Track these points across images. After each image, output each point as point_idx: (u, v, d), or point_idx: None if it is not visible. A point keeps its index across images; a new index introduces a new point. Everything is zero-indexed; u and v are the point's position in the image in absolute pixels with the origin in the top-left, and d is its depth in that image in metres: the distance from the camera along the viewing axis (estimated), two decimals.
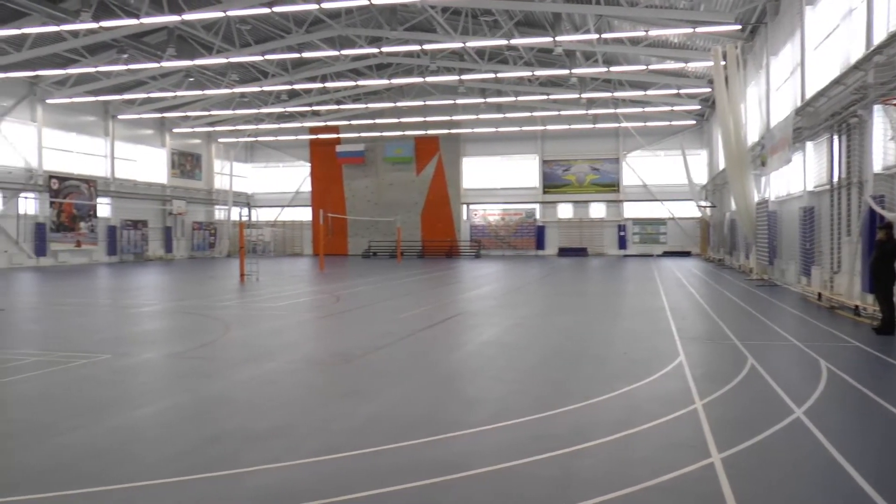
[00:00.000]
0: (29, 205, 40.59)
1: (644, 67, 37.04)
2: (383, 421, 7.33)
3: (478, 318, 16.03)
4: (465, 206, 56.79)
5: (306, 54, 34.58)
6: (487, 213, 56.27)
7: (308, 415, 7.71)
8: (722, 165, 35.20)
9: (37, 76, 38.57)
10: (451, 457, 6.17)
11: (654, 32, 30.19)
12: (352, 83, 40.82)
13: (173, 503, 5.22)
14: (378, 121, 51.54)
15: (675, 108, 45.23)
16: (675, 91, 41.02)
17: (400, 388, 8.83)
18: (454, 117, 49.67)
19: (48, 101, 41.60)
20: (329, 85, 41.43)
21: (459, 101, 46.62)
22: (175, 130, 52.59)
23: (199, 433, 6.98)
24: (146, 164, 50.59)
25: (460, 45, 32.55)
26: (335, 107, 48.73)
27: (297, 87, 42.06)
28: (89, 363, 10.52)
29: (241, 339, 12.95)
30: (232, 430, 7.03)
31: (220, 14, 28.16)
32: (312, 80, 41.53)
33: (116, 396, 8.68)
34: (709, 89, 38.34)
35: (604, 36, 30.62)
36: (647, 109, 46.26)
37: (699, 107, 44.71)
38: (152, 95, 43.26)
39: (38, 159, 41.50)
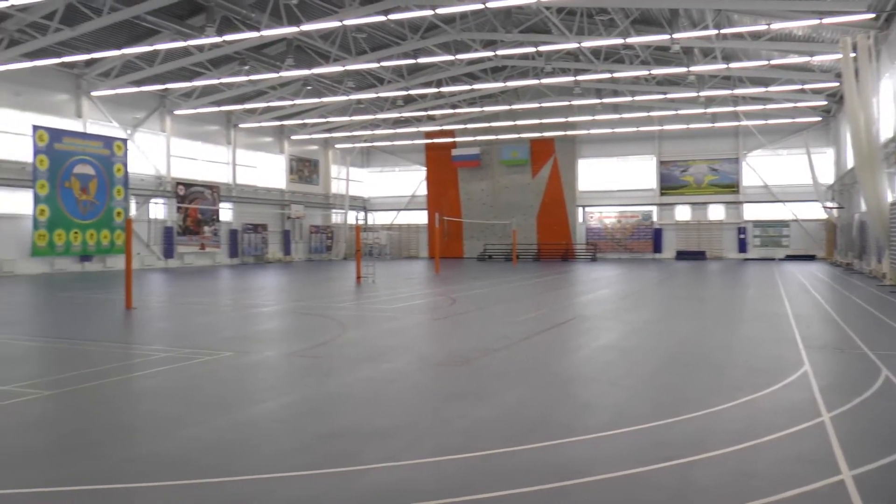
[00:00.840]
0: (158, 210, 42.68)
1: (766, 63, 35.54)
2: (500, 423, 7.24)
3: (594, 322, 15.74)
4: (580, 209, 56.12)
5: (421, 60, 34.96)
6: (603, 216, 55.42)
7: (425, 415, 7.69)
8: (851, 164, 33.45)
9: (166, 89, 40.52)
10: (567, 462, 6.01)
11: (776, 25, 28.91)
12: (467, 87, 41.02)
13: (294, 497, 5.27)
14: (493, 124, 51.62)
15: (799, 104, 43.29)
16: (799, 86, 39.19)
17: (516, 391, 8.72)
18: (570, 119, 49.12)
19: (176, 112, 43.68)
20: (444, 89, 41.78)
21: (575, 103, 46.07)
22: (293, 137, 54.19)
23: (318, 429, 7.06)
24: (266, 170, 52.34)
25: (575, 45, 32.16)
26: (450, 111, 49.10)
27: (412, 92, 42.58)
28: (213, 360, 10.88)
29: (358, 340, 13.13)
30: (350, 427, 7.09)
31: (337, 24, 28.82)
32: (428, 84, 41.95)
33: (239, 392, 8.93)
34: (836, 83, 36.43)
35: (723, 31, 29.61)
36: (769, 107, 44.45)
37: (825, 102, 42.59)
38: (272, 104, 44.74)
39: (166, 167, 43.64)
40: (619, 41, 31.28)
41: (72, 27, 29.66)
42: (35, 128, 34.50)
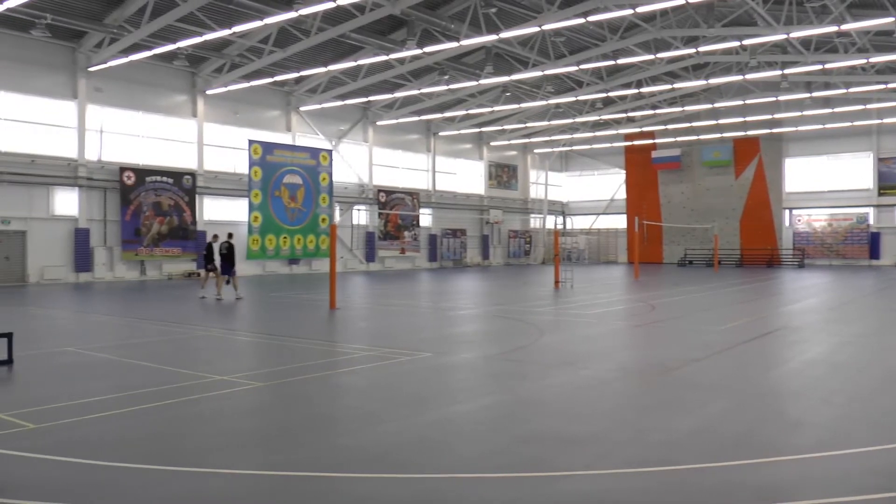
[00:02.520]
0: (361, 216, 44.71)
1: None
2: (700, 437, 6.92)
3: (802, 333, 14.73)
4: (787, 212, 52.69)
5: (621, 61, 34.34)
6: (812, 219, 51.70)
7: (622, 424, 7.51)
8: None
9: (368, 102, 42.38)
10: (772, 483, 5.63)
11: None
12: (667, 86, 39.82)
13: (487, 498, 5.31)
14: (694, 124, 49.72)
15: None
16: None
17: (718, 404, 8.32)
18: (776, 115, 46.34)
19: (378, 123, 45.63)
20: (644, 90, 40.80)
21: (782, 98, 43.24)
22: (492, 143, 54.93)
23: (514, 433, 7.08)
24: (465, 176, 53.42)
25: (783, 36, 30.24)
26: (650, 112, 47.87)
27: (611, 94, 41.92)
28: (412, 360, 11.22)
29: (555, 345, 13.07)
30: (545, 432, 7.05)
31: (536, 29, 28.92)
32: (627, 86, 41.12)
33: (436, 392, 9.15)
34: None
35: None
36: None
37: None
38: (471, 112, 45.60)
39: (369, 175, 45.68)
40: (833, 28, 28.97)
41: (283, 49, 31.92)
42: (250, 142, 37.51)
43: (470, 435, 7.12)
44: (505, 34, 29.45)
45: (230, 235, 24.29)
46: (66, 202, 32.39)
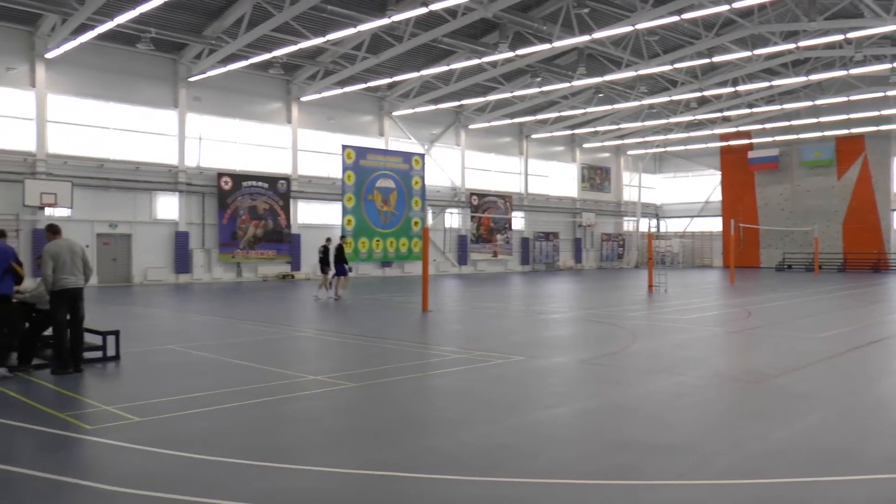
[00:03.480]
0: (453, 219, 44.92)
1: None
2: (800, 449, 6.65)
3: None
4: (895, 214, 50.36)
5: (717, 59, 33.50)
6: None
7: (716, 433, 7.31)
8: None
9: (461, 105, 42.60)
10: (880, 500, 5.40)
11: None
12: (765, 84, 38.59)
13: None
14: (794, 122, 47.97)
15: None
16: None
17: (818, 414, 7.99)
18: (883, 112, 44.24)
19: (470, 126, 45.78)
20: (741, 88, 39.67)
21: (890, 94, 41.26)
22: (585, 146, 54.40)
23: (606, 439, 6.99)
24: (557, 178, 53.06)
25: (893, 27, 28.88)
26: (747, 111, 46.46)
27: (706, 93, 40.93)
28: (504, 363, 11.20)
29: (648, 350, 12.84)
30: (637, 439, 6.93)
31: (629, 28, 28.51)
32: (723, 84, 40.06)
33: (528, 396, 9.10)
34: None
35: None
36: None
37: None
38: (563, 114, 45.29)
39: (461, 179, 45.88)
40: None
41: (376, 55, 32.42)
42: (344, 147, 38.29)
43: (561, 440, 7.06)
44: (597, 34, 29.14)
45: (336, 239, 25.31)
46: (168, 206, 33.79)
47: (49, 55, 29.59)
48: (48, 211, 29.24)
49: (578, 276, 43.26)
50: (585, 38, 29.39)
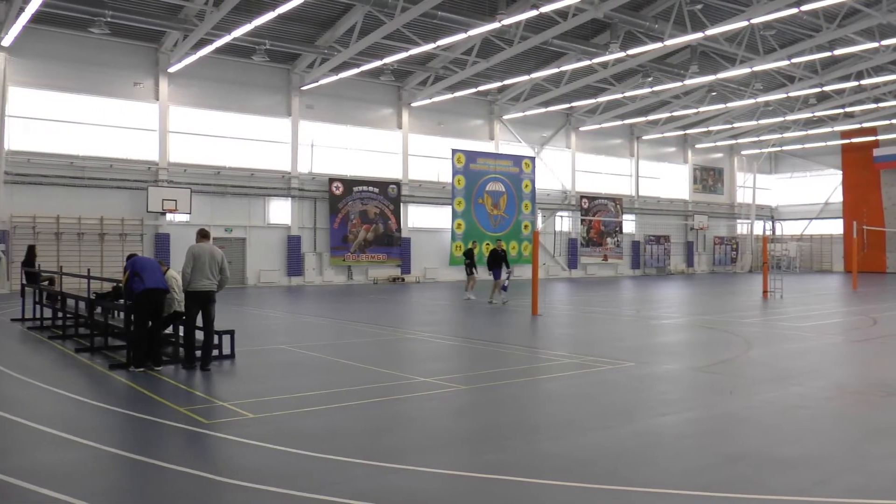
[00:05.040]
0: (563, 222, 44.54)
1: None
2: None
3: None
4: None
5: (838, 51, 31.98)
6: None
7: (840, 448, 6.94)
8: None
9: (571, 107, 42.21)
10: None
11: None
12: (893, 76, 36.63)
13: None
14: None
15: None
16: None
17: None
18: None
19: (580, 128, 45.31)
20: (865, 82, 37.71)
21: None
22: (697, 146, 52.98)
23: (719, 449, 6.77)
24: (668, 180, 51.86)
25: None
26: (872, 106, 44.12)
27: (826, 88, 39.12)
28: (614, 369, 11.01)
29: (764, 358, 12.37)
30: (754, 451, 6.66)
31: (744, 23, 27.56)
32: (845, 78, 38.16)
33: (638, 402, 8.93)
34: None
35: None
36: None
37: None
38: (675, 114, 44.23)
39: (571, 181, 45.46)
40: None
41: (486, 59, 32.52)
42: (454, 151, 38.58)
43: (673, 449, 6.89)
44: (711, 31, 28.31)
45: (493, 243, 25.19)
46: (281, 211, 34.86)
47: (171, 69, 31.06)
48: (169, 216, 30.71)
49: (690, 280, 42.17)
50: (698, 35, 28.59)
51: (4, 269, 27.59)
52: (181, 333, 11.51)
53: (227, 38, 27.68)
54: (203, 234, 11.37)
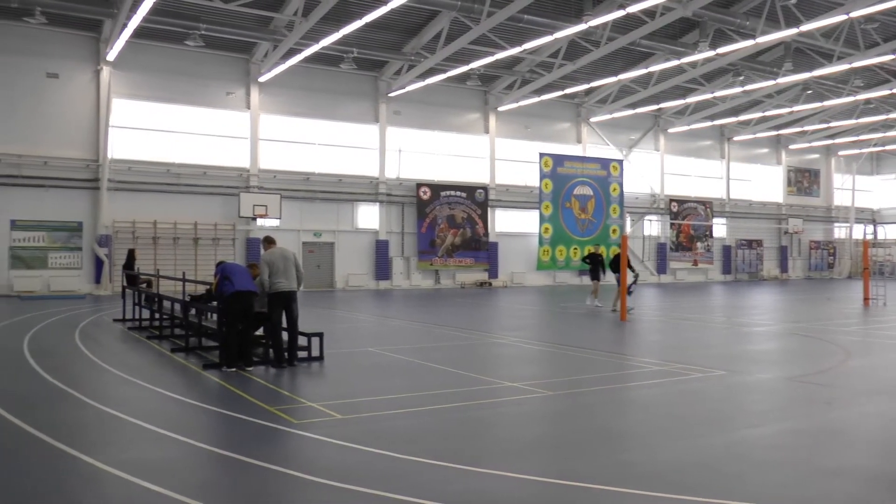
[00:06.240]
0: (652, 227, 43.76)
1: None
2: None
3: None
4: None
5: None
6: None
7: None
8: None
9: (659, 109, 41.47)
10: None
11: None
12: None
13: None
14: None
15: None
16: None
17: None
18: None
19: (669, 130, 44.47)
20: None
21: None
22: (791, 147, 51.26)
23: (817, 465, 6.48)
24: (761, 182, 50.35)
25: None
26: None
27: None
28: (704, 377, 10.72)
29: (865, 369, 11.84)
30: (856, 468, 6.34)
31: (842, 17, 26.50)
32: None
33: (730, 413, 8.67)
34: None
35: None
36: None
37: None
38: (767, 114, 42.90)
39: (660, 184, 44.66)
40: None
41: (573, 61, 32.26)
42: (541, 155, 38.40)
43: (766, 462, 6.64)
44: (806, 26, 27.30)
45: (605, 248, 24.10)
46: (368, 216, 35.38)
47: (262, 79, 31.97)
48: (260, 221, 31.57)
49: (784, 286, 40.83)
50: (793, 31, 27.61)
51: (107, 272, 28.84)
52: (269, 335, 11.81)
53: (315, 48, 28.31)
54: (270, 241, 12.06)
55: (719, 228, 47.41)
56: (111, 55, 28.42)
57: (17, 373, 11.00)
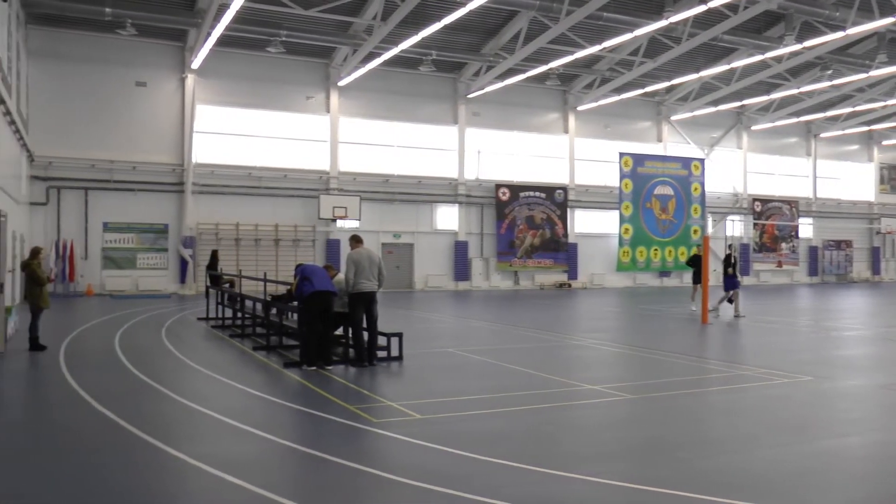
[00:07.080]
0: (735, 227, 42.64)
1: None
2: None
3: None
4: None
5: None
6: None
7: None
8: None
9: (742, 106, 40.43)
10: None
11: None
12: None
13: None
14: None
15: None
16: None
17: None
18: None
19: (753, 127, 43.31)
20: None
21: None
22: (884, 143, 49.26)
23: None
24: (850, 181, 48.51)
25: None
26: None
27: None
28: (790, 383, 10.39)
29: None
30: None
31: None
32: None
33: (818, 420, 8.40)
34: None
35: None
36: None
37: None
38: (858, 108, 41.32)
39: (742, 183, 43.52)
40: None
41: (653, 59, 31.69)
42: (621, 154, 37.84)
43: (858, 473, 6.40)
44: None
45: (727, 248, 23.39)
46: (448, 217, 35.51)
47: (341, 83, 32.43)
48: (339, 223, 32.04)
49: (875, 288, 39.28)
50: (888, 20, 26.42)
51: (191, 273, 29.72)
52: (349, 334, 11.93)
53: (394, 51, 28.59)
54: (357, 240, 11.99)
55: (805, 229, 45.93)
56: (195, 63, 29.31)
57: (108, 368, 11.47)
